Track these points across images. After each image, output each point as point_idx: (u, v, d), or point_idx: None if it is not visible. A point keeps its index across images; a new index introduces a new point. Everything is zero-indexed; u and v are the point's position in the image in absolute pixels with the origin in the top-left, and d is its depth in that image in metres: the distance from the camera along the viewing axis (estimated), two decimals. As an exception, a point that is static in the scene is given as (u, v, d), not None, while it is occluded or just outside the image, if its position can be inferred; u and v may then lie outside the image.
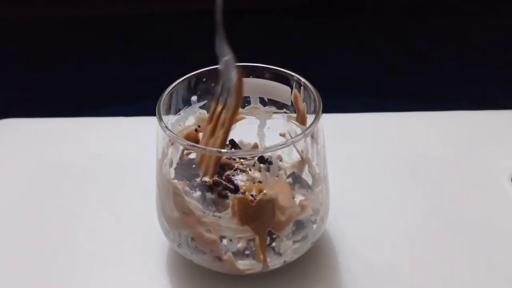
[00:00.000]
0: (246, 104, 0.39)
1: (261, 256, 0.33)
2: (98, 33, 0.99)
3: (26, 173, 0.47)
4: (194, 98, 0.38)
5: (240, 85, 0.33)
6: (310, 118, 0.36)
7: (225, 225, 0.32)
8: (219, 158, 0.33)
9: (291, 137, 0.38)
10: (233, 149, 0.40)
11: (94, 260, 0.38)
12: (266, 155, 0.37)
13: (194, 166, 0.38)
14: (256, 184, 0.36)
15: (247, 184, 0.36)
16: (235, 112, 0.34)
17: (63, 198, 0.44)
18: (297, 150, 0.38)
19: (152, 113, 0.33)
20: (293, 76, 0.36)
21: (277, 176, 0.35)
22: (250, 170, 0.38)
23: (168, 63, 0.85)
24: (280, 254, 0.33)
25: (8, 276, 0.37)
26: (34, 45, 0.97)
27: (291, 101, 0.37)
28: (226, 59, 0.33)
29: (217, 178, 0.36)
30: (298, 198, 0.33)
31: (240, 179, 0.37)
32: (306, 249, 0.35)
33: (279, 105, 0.38)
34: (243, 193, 0.35)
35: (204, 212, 0.32)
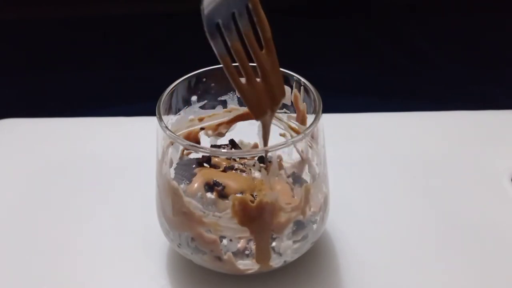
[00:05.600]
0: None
1: (261, 258, 0.33)
2: (98, 33, 0.98)
3: (26, 173, 0.47)
4: (194, 98, 0.38)
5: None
6: (310, 118, 0.36)
7: (225, 225, 0.32)
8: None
9: (291, 137, 0.38)
10: (233, 149, 0.40)
11: (94, 260, 0.38)
12: (266, 155, 0.37)
13: (194, 166, 0.38)
14: (256, 184, 0.36)
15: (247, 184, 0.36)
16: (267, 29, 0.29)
17: (63, 198, 0.44)
18: (297, 150, 0.38)
19: (152, 113, 0.33)
20: (293, 76, 0.36)
21: (277, 176, 0.35)
22: (250, 170, 0.38)
23: (168, 63, 0.84)
24: (280, 254, 0.33)
25: (8, 276, 0.37)
26: (34, 45, 0.97)
27: (291, 101, 0.37)
28: None
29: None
30: (298, 198, 0.33)
31: (240, 179, 0.37)
32: (306, 249, 0.35)
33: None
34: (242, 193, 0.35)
35: (204, 212, 0.32)
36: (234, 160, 0.39)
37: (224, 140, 0.41)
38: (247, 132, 0.40)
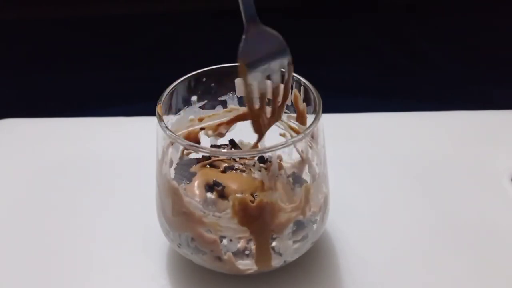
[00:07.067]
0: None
1: (261, 258, 0.33)
2: (98, 33, 0.98)
3: (26, 173, 0.47)
4: (194, 98, 0.38)
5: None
6: (310, 118, 0.36)
7: (225, 225, 0.32)
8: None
9: (291, 137, 0.38)
10: (233, 149, 0.40)
11: (94, 260, 0.38)
12: (266, 155, 0.37)
13: (193, 166, 0.38)
14: (256, 184, 0.36)
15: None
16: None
17: (63, 198, 0.44)
18: (297, 150, 0.38)
19: (152, 113, 0.33)
20: (293, 76, 0.36)
21: (277, 176, 0.35)
22: (250, 170, 0.38)
23: (168, 63, 0.84)
24: (280, 254, 0.33)
25: (8, 276, 0.37)
26: (34, 45, 0.97)
27: (291, 101, 0.37)
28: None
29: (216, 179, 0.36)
30: (298, 198, 0.33)
31: (240, 179, 0.37)
32: (306, 249, 0.35)
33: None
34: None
35: (204, 212, 0.32)
36: (234, 160, 0.39)
37: (224, 140, 0.41)
38: (247, 132, 0.40)
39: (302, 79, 0.35)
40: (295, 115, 0.38)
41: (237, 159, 0.39)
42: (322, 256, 0.38)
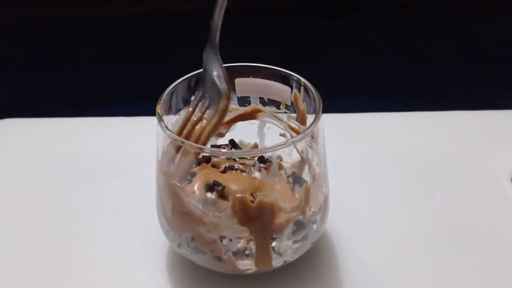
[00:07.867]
0: (246, 104, 0.39)
1: (261, 258, 0.33)
2: (98, 33, 0.99)
3: (26, 173, 0.47)
4: (194, 98, 0.38)
5: (227, 104, 0.32)
6: (310, 118, 0.36)
7: (225, 225, 0.32)
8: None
9: (291, 137, 0.38)
10: (233, 149, 0.40)
11: (94, 260, 0.38)
12: (266, 155, 0.37)
13: (194, 166, 0.38)
14: (256, 184, 0.36)
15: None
16: (215, 129, 0.33)
17: (62, 198, 0.44)
18: (297, 150, 0.38)
19: (152, 113, 0.33)
20: (293, 76, 0.36)
21: (277, 176, 0.35)
22: (250, 170, 0.38)
23: (168, 63, 0.85)
24: (280, 254, 0.33)
25: (8, 276, 0.37)
26: (34, 45, 0.97)
27: (291, 101, 0.37)
28: (217, 74, 0.32)
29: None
30: (298, 198, 0.33)
31: (240, 179, 0.37)
32: (306, 249, 0.35)
33: (279, 105, 0.38)
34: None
35: (204, 212, 0.32)
36: (234, 160, 0.39)
37: (224, 140, 0.41)
38: (247, 132, 0.40)
39: (302, 79, 0.35)
40: (295, 115, 0.38)
41: (237, 159, 0.39)
42: (322, 256, 0.38)
